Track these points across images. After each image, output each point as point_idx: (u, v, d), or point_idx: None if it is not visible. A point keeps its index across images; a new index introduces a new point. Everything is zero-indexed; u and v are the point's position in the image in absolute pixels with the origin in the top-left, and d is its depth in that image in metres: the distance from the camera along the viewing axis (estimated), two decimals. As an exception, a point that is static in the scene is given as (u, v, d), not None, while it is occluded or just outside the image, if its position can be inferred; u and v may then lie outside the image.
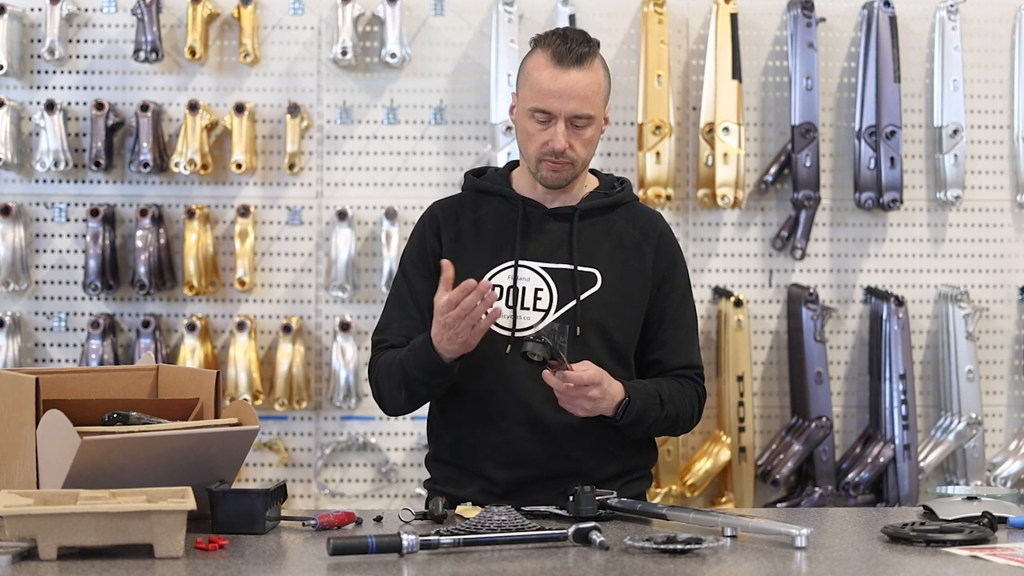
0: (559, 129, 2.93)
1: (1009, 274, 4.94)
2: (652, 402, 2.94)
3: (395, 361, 2.97)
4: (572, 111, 2.93)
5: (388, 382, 2.99)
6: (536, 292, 2.98)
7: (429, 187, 4.83)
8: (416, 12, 4.84)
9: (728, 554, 2.51)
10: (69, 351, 4.78)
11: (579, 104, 2.93)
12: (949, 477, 4.89)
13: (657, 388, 2.97)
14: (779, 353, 4.90)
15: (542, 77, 2.94)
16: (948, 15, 4.84)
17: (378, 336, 3.08)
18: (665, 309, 3.04)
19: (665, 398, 2.96)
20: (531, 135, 2.97)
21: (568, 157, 2.96)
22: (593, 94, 2.94)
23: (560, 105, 2.92)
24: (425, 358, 2.89)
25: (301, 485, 4.82)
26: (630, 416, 2.90)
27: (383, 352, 3.04)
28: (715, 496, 4.85)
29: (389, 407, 3.05)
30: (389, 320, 3.07)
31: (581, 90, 2.92)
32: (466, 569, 2.39)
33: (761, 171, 4.88)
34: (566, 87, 2.92)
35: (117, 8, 4.79)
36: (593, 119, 2.95)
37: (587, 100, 2.93)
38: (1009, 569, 2.40)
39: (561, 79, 2.92)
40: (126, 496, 2.48)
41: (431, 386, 2.95)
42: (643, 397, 2.92)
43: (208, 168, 4.72)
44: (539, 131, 2.95)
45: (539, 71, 2.95)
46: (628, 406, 2.89)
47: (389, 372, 2.98)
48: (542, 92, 2.93)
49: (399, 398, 2.99)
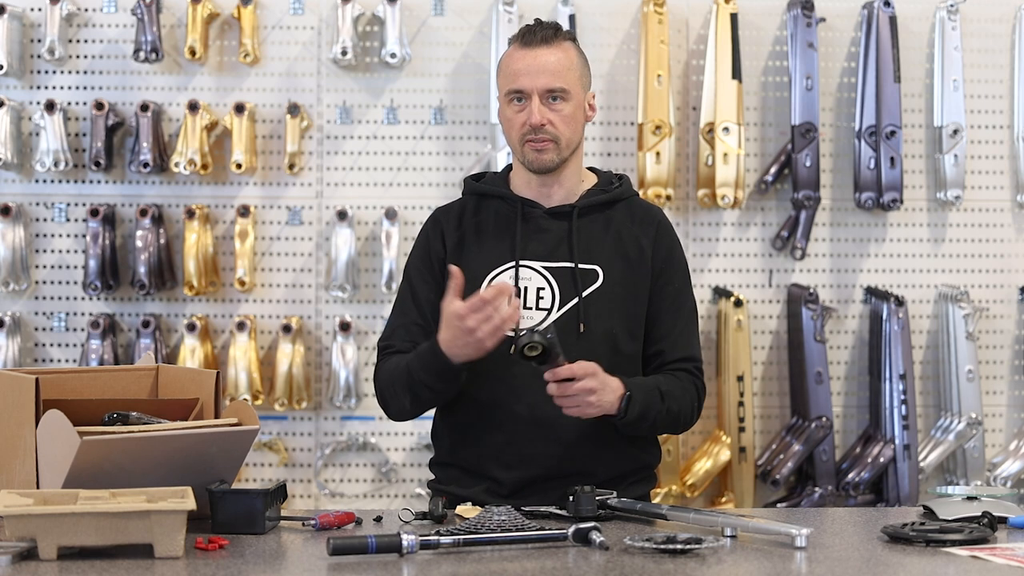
0: (534, 105, 2.96)
1: (1009, 274, 4.94)
2: (653, 395, 2.93)
3: (401, 365, 2.97)
4: (544, 85, 2.96)
5: (393, 386, 2.99)
6: (538, 292, 2.99)
7: (429, 187, 4.83)
8: (416, 12, 4.84)
9: (728, 554, 2.51)
10: (69, 351, 4.78)
11: (550, 78, 2.96)
12: (949, 477, 4.89)
13: (656, 383, 2.96)
14: (779, 353, 4.90)
15: (512, 59, 3.01)
16: (948, 15, 4.84)
17: (384, 343, 3.08)
18: (663, 300, 3.04)
19: (664, 391, 2.96)
20: (511, 120, 3.01)
21: (548, 133, 2.97)
22: (565, 69, 2.98)
23: (531, 81, 2.97)
24: (432, 360, 2.89)
25: (301, 485, 4.82)
26: (634, 411, 2.89)
27: (388, 358, 3.04)
28: (715, 496, 4.85)
29: (393, 411, 3.05)
30: (395, 327, 3.07)
31: (551, 65, 2.97)
32: (466, 569, 2.39)
33: (761, 171, 4.88)
34: (534, 63, 2.97)
35: (117, 8, 4.79)
36: (568, 93, 2.98)
37: (558, 74, 2.97)
38: (1009, 569, 2.40)
39: (528, 56, 2.98)
40: (126, 496, 2.48)
41: (437, 390, 2.95)
42: (643, 391, 2.92)
43: (208, 168, 4.72)
44: (516, 113, 2.99)
45: (509, 56, 3.02)
46: (631, 400, 2.88)
47: (394, 376, 2.98)
48: (513, 73, 2.99)
49: (404, 402, 2.99)
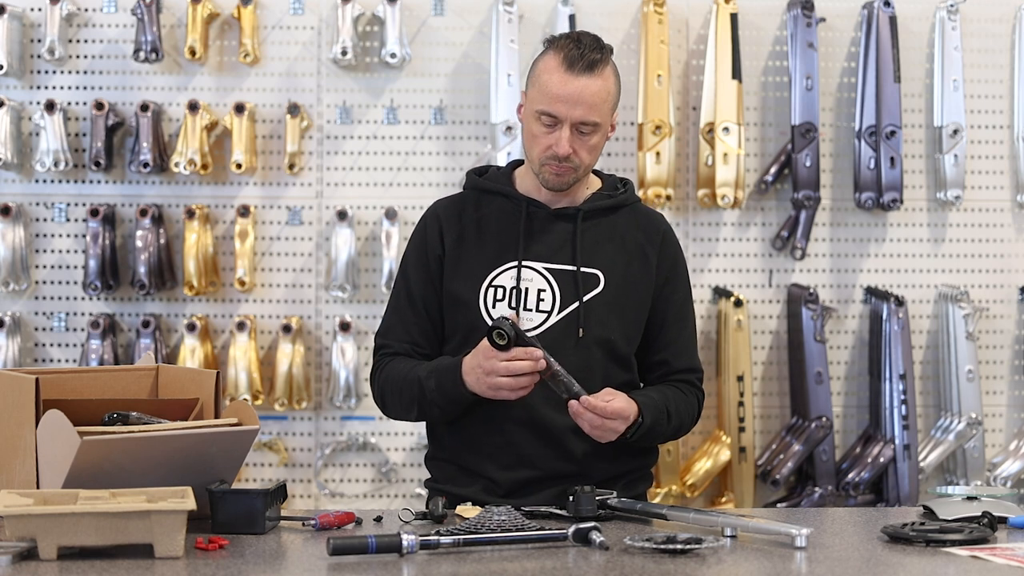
0: (564, 134, 2.91)
1: (1009, 274, 4.94)
2: (661, 417, 2.96)
3: (411, 377, 2.96)
4: (579, 118, 2.91)
5: (399, 396, 2.99)
6: (539, 293, 2.98)
7: (429, 187, 4.82)
8: (416, 12, 4.84)
9: (728, 554, 2.51)
10: (69, 351, 4.78)
11: (586, 111, 2.91)
12: (949, 477, 4.89)
13: (665, 403, 2.98)
14: (779, 353, 4.90)
15: (552, 81, 2.92)
16: (948, 15, 4.84)
17: (381, 340, 3.08)
18: (668, 310, 3.05)
19: (672, 412, 2.99)
20: (536, 137, 2.95)
21: (572, 163, 2.94)
22: (601, 102, 2.92)
23: (567, 111, 2.90)
24: (452, 388, 2.90)
25: (301, 485, 4.81)
26: (640, 433, 2.93)
27: (389, 359, 3.04)
28: (715, 496, 4.85)
29: (393, 415, 3.06)
30: (391, 324, 3.07)
31: (589, 97, 2.90)
32: (466, 569, 2.39)
33: (761, 171, 4.88)
34: (574, 93, 2.90)
35: (117, 8, 4.79)
36: (599, 126, 2.94)
37: (595, 107, 2.91)
38: (1009, 569, 2.40)
39: (570, 84, 2.90)
40: (126, 496, 2.48)
41: (447, 412, 2.96)
42: (654, 414, 2.94)
43: (208, 168, 4.71)
44: (544, 134, 2.94)
45: (549, 74, 2.93)
46: (640, 427, 2.91)
47: (401, 386, 2.98)
48: (550, 96, 2.91)
49: (410, 414, 3.01)
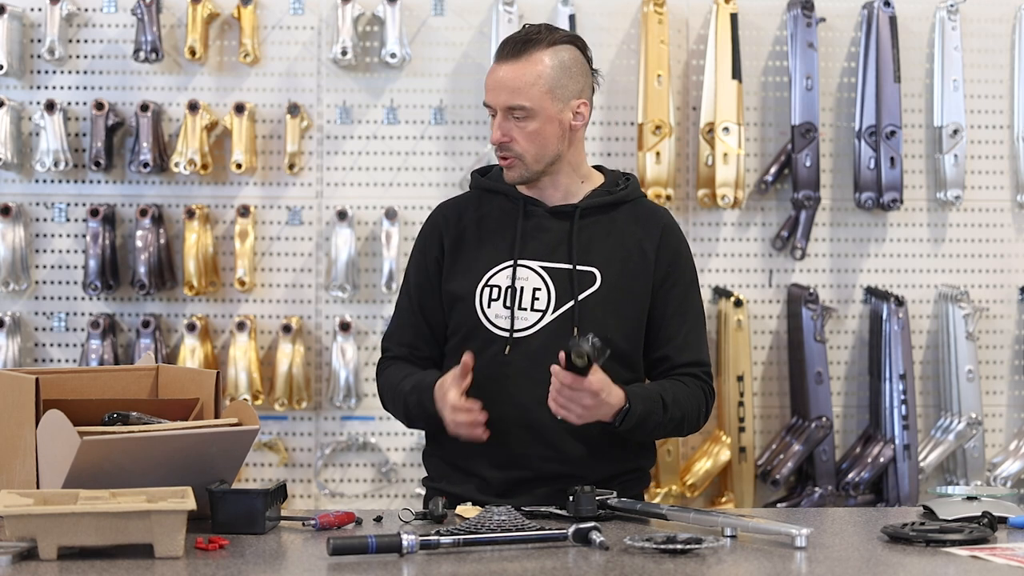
0: (497, 121, 2.96)
1: (1009, 274, 4.94)
2: (655, 406, 2.91)
3: (400, 389, 3.02)
4: (504, 103, 2.93)
5: (392, 403, 3.07)
6: (534, 292, 2.97)
7: (429, 187, 4.82)
8: (416, 12, 4.84)
9: (728, 554, 2.51)
10: (69, 351, 4.78)
11: (509, 95, 2.92)
12: (949, 477, 4.89)
13: (660, 391, 2.94)
14: (779, 353, 4.90)
15: (489, 72, 2.99)
16: (948, 15, 4.84)
17: (384, 343, 3.14)
18: (668, 304, 3.01)
19: (669, 401, 2.94)
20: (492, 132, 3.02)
21: (511, 150, 2.95)
22: (526, 85, 2.92)
23: (494, 98, 2.95)
24: (430, 406, 2.95)
25: (301, 485, 4.81)
26: (630, 423, 2.88)
27: (388, 363, 3.10)
28: (715, 496, 4.84)
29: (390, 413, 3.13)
30: (393, 328, 3.13)
31: (511, 81, 2.93)
32: (466, 569, 2.39)
33: (761, 171, 4.87)
34: (497, 79, 2.95)
35: (117, 8, 4.79)
36: (530, 110, 2.93)
37: (518, 91, 2.92)
38: (1009, 569, 2.40)
39: (496, 72, 2.96)
40: (126, 496, 2.48)
41: (431, 426, 3.02)
42: (645, 403, 2.90)
43: (208, 168, 4.71)
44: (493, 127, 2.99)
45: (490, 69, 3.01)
46: (628, 414, 2.87)
47: (393, 395, 3.05)
48: (486, 87, 2.98)
49: (403, 421, 3.09)
